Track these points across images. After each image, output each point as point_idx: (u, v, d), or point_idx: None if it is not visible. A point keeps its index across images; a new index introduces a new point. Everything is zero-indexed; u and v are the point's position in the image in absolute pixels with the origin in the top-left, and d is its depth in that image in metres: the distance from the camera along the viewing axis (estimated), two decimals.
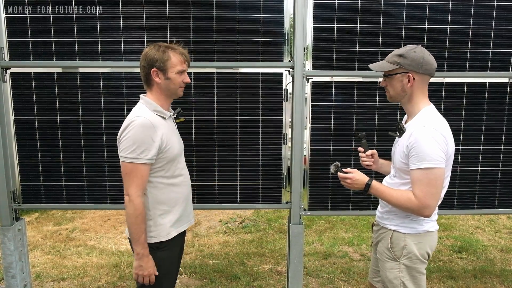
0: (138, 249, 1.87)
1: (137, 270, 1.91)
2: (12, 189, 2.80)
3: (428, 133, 1.71)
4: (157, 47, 1.93)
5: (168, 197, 1.99)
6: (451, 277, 3.68)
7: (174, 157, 1.98)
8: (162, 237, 1.96)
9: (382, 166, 2.16)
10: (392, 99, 1.91)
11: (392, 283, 1.88)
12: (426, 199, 1.72)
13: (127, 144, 1.83)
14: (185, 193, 2.10)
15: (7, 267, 2.81)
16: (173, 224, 2.01)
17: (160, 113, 1.96)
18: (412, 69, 1.80)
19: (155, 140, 1.85)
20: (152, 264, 1.92)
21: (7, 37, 2.67)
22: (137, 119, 1.84)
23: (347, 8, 2.68)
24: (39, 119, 2.76)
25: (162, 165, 1.93)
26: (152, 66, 1.91)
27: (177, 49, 1.96)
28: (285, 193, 2.88)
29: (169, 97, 2.02)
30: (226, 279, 3.64)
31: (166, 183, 1.98)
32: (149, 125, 1.84)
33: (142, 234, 1.87)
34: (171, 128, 2.02)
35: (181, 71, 1.96)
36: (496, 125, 2.83)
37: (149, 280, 1.93)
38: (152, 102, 1.95)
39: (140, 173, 1.85)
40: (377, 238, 2.02)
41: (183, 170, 2.09)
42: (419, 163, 1.71)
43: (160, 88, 1.96)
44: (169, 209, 2.00)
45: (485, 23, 2.72)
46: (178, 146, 2.04)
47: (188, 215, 2.16)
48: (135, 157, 1.83)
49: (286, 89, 2.78)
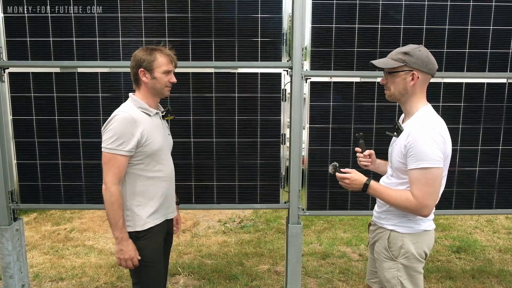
0: (117, 233, 1.98)
1: (118, 254, 2.01)
2: (10, 189, 2.80)
3: (426, 133, 1.71)
4: (146, 49, 2.08)
5: (146, 190, 2.09)
6: (449, 277, 3.69)
7: (154, 152, 2.07)
8: (137, 227, 2.06)
9: (379, 166, 2.16)
10: (391, 98, 1.90)
11: (390, 282, 1.88)
12: (425, 199, 1.72)
13: (108, 135, 1.97)
14: (165, 187, 2.17)
15: (5, 267, 2.81)
16: (149, 215, 2.09)
17: (145, 110, 2.08)
18: (417, 67, 1.80)
19: (135, 134, 1.97)
20: (133, 247, 2.02)
21: (5, 37, 2.66)
22: (120, 114, 1.99)
23: (345, 9, 2.69)
24: (37, 119, 2.76)
25: (141, 158, 2.04)
26: (140, 66, 2.05)
27: (164, 50, 2.10)
28: (284, 193, 2.89)
29: (155, 96, 2.14)
30: (225, 279, 3.64)
31: (145, 176, 2.08)
32: (130, 120, 1.97)
33: (119, 219, 1.98)
34: (156, 125, 2.12)
35: (167, 71, 2.08)
36: (494, 126, 2.83)
37: (132, 264, 2.02)
38: (138, 100, 2.09)
39: (117, 163, 1.97)
40: (374, 238, 2.02)
41: (165, 166, 2.17)
42: (418, 163, 1.72)
43: (147, 87, 2.09)
44: (146, 201, 2.09)
45: (483, 23, 2.73)
46: (160, 142, 2.12)
47: (167, 209, 2.23)
48: (114, 148, 1.96)
49: (284, 89, 2.78)
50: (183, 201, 2.83)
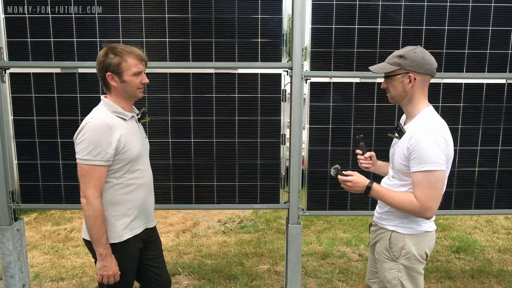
0: (101, 249, 1.87)
1: (101, 271, 1.90)
2: (11, 189, 2.81)
3: (429, 136, 1.72)
4: (110, 50, 1.90)
5: (124, 199, 1.97)
6: (449, 277, 3.69)
7: (133, 158, 1.96)
8: (114, 239, 1.96)
9: (380, 168, 2.17)
10: (393, 100, 1.91)
11: (391, 283, 1.89)
12: (428, 202, 1.72)
13: (83, 146, 1.83)
14: (143, 195, 2.06)
15: (6, 267, 2.82)
16: (126, 226, 1.99)
17: (120, 114, 1.95)
18: (413, 69, 1.80)
19: (112, 141, 1.85)
20: (115, 262, 1.93)
21: (6, 38, 2.67)
22: (92, 121, 1.85)
23: (345, 9, 2.69)
24: (38, 119, 2.76)
25: (119, 166, 1.93)
26: (106, 70, 1.90)
27: (131, 50, 1.93)
28: (284, 193, 2.89)
29: (128, 99, 2.00)
30: (225, 279, 3.65)
31: (124, 184, 1.96)
32: (104, 127, 1.84)
33: (103, 235, 1.88)
34: (132, 130, 1.99)
35: (136, 72, 1.93)
36: (494, 126, 2.84)
37: (114, 279, 1.93)
38: (111, 104, 1.94)
39: (97, 175, 1.85)
40: (375, 239, 2.03)
41: (143, 173, 2.06)
42: (421, 166, 1.72)
43: (118, 91, 1.95)
44: (124, 211, 1.98)
45: (483, 24, 2.73)
46: (139, 147, 2.00)
47: (147, 218, 2.12)
48: (91, 158, 1.83)
49: (284, 90, 2.79)
50: (184, 201, 2.85)
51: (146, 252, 2.17)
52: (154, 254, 2.21)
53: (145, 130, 2.68)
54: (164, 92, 2.76)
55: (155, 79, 2.74)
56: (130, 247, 2.02)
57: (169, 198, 2.86)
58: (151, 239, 2.19)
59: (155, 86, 2.75)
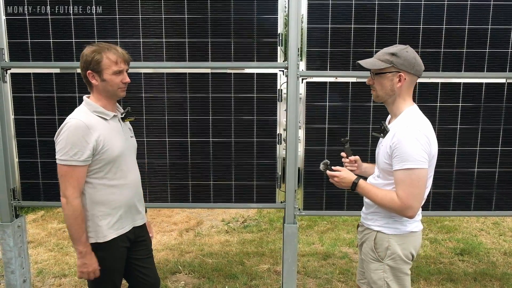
0: (80, 247, 1.90)
1: (81, 268, 1.93)
2: (12, 186, 2.87)
3: (411, 134, 1.71)
4: (93, 48, 1.91)
5: (107, 199, 1.97)
6: (451, 279, 3.64)
7: (113, 158, 1.95)
8: (99, 239, 1.96)
9: (366, 170, 2.14)
10: (378, 99, 1.90)
11: (376, 284, 1.88)
12: (409, 200, 1.71)
13: (60, 146, 1.85)
14: (128, 195, 2.05)
15: (7, 262, 2.88)
16: (111, 226, 1.99)
17: (100, 113, 1.95)
18: (404, 69, 1.78)
19: (89, 141, 1.85)
20: (95, 260, 1.95)
21: (7, 39, 2.73)
22: (70, 121, 1.86)
23: (341, 9, 2.68)
24: (38, 118, 2.82)
25: (100, 166, 1.92)
26: (87, 68, 1.91)
27: (112, 48, 1.92)
28: (280, 193, 2.90)
29: (110, 98, 1.99)
30: (225, 278, 3.67)
31: (106, 184, 1.96)
32: (82, 127, 1.85)
33: (83, 234, 1.90)
34: (113, 129, 1.98)
35: (117, 71, 1.93)
36: (493, 126, 2.80)
37: (94, 275, 1.95)
38: (92, 103, 1.95)
39: (75, 175, 1.86)
40: (362, 239, 2.02)
41: (128, 173, 2.04)
42: (402, 164, 1.71)
43: (99, 90, 1.96)
44: (108, 211, 1.98)
45: (482, 23, 2.69)
46: (120, 147, 1.98)
47: (134, 216, 2.12)
48: (68, 159, 1.84)
49: (280, 90, 2.79)
50: (181, 200, 2.87)
51: (135, 252, 2.17)
52: (143, 254, 2.21)
53: (138, 130, 2.70)
54: (161, 92, 2.79)
55: (152, 79, 2.77)
56: (116, 246, 2.02)
57: (166, 197, 2.89)
58: (139, 239, 2.19)
59: (152, 86, 2.78)
